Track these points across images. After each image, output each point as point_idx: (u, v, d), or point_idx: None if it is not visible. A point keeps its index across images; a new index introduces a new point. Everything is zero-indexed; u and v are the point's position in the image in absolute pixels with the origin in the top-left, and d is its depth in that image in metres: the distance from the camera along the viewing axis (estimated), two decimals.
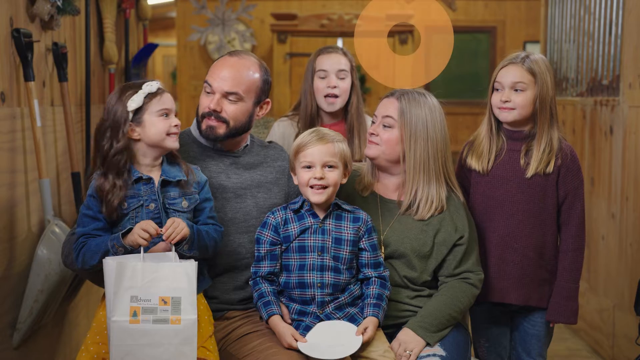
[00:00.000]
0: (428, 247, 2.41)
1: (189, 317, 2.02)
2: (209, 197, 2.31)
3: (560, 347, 4.19)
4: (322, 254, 2.27)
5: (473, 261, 2.45)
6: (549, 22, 5.20)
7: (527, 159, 2.54)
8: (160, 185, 2.21)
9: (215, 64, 2.45)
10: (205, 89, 2.42)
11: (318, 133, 2.31)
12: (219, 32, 7.81)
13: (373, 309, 2.27)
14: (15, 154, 2.64)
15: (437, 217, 2.43)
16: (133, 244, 2.09)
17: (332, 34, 7.45)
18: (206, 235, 2.22)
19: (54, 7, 2.86)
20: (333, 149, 2.28)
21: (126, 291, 2.01)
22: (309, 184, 2.26)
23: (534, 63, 2.50)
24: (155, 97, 2.18)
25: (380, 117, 2.42)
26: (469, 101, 7.90)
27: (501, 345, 2.69)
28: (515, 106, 2.50)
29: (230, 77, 2.40)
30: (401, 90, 2.46)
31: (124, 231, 2.10)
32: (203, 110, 2.42)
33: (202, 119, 2.42)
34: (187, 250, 2.15)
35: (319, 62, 3.04)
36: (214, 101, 2.40)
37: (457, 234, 2.42)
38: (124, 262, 2.03)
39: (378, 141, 2.41)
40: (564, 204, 2.56)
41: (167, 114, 2.19)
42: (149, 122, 2.17)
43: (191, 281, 2.04)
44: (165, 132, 2.18)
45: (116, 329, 1.99)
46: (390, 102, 2.42)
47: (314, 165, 2.26)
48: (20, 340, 2.65)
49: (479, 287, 2.45)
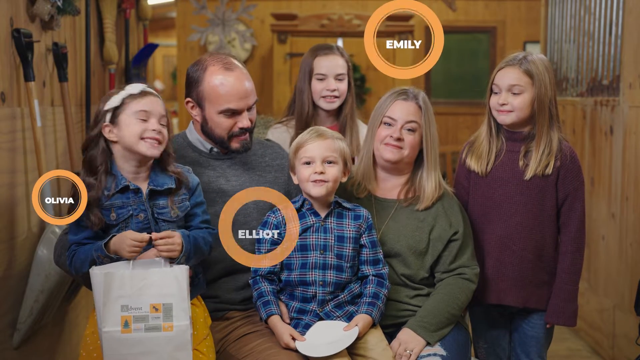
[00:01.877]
0: (424, 243, 2.42)
1: (181, 323, 2.00)
2: (200, 200, 2.26)
3: (560, 347, 4.19)
4: (324, 252, 2.28)
5: (468, 256, 2.46)
6: (549, 22, 5.20)
7: (526, 160, 2.53)
8: (149, 194, 2.16)
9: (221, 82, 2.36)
10: (225, 114, 2.37)
11: (317, 130, 2.32)
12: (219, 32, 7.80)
13: (367, 307, 2.28)
14: (15, 154, 2.64)
15: (431, 214, 2.44)
16: (125, 257, 2.05)
17: (332, 34, 7.45)
18: (202, 242, 2.19)
19: (54, 7, 2.86)
20: (333, 144, 2.29)
21: (116, 301, 1.98)
22: (310, 179, 2.27)
23: (532, 64, 2.49)
24: (135, 98, 2.11)
25: (403, 121, 2.43)
26: (469, 101, 7.91)
27: (500, 347, 2.69)
28: (513, 109, 2.50)
29: (249, 89, 2.39)
30: (412, 91, 2.48)
31: (106, 241, 2.06)
32: (232, 131, 2.39)
33: (230, 139, 2.40)
34: (184, 262, 2.11)
35: (316, 64, 3.01)
36: (245, 119, 2.39)
37: (452, 229, 2.44)
38: (112, 271, 2.00)
39: (403, 145, 2.43)
40: (563, 205, 2.56)
41: (145, 117, 2.11)
42: (124, 123, 2.10)
43: (181, 286, 2.02)
44: (139, 135, 2.09)
45: (108, 339, 1.97)
46: (411, 105, 2.45)
47: (314, 161, 2.27)
48: (20, 341, 2.65)
49: (475, 281, 2.46)
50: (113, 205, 2.12)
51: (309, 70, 3.03)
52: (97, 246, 2.06)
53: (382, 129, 2.45)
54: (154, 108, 2.13)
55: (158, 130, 2.12)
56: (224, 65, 2.38)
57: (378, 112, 2.47)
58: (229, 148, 2.43)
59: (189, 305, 2.03)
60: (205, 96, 2.38)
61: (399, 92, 2.47)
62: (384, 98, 2.49)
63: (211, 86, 2.36)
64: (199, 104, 2.40)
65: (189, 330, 2.02)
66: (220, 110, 2.37)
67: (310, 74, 3.03)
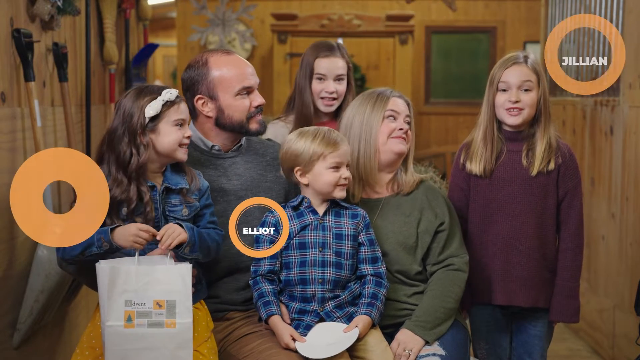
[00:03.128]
0: (413, 238, 2.44)
1: (184, 321, 2.01)
2: (209, 203, 2.30)
3: (560, 347, 4.19)
4: (323, 249, 2.29)
5: (457, 245, 2.47)
6: (549, 22, 5.20)
7: (529, 158, 2.54)
8: (163, 192, 2.20)
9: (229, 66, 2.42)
10: (242, 93, 2.42)
11: (338, 134, 2.36)
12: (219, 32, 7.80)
13: (366, 308, 2.28)
14: (15, 154, 2.64)
15: (417, 207, 2.47)
16: (125, 246, 2.06)
17: (332, 34, 7.44)
18: (208, 236, 2.21)
19: (54, 7, 2.86)
20: (348, 149, 2.36)
21: (120, 295, 1.99)
22: (338, 183, 2.31)
23: (535, 63, 2.53)
24: (173, 105, 2.16)
25: (405, 115, 2.50)
26: (469, 101, 7.91)
27: (502, 348, 2.69)
28: (524, 106, 2.51)
29: (252, 67, 2.48)
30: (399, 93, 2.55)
31: (112, 227, 2.07)
32: (250, 111, 2.44)
33: (249, 120, 2.44)
34: (188, 252, 2.13)
35: (317, 65, 3.01)
36: (258, 96, 2.46)
37: (438, 220, 2.46)
38: (118, 266, 2.01)
39: (406, 138, 2.50)
40: (563, 202, 2.57)
41: (182, 124, 2.18)
42: (164, 131, 2.15)
43: (186, 284, 2.03)
44: (178, 142, 2.17)
45: (111, 333, 1.98)
46: (406, 104, 2.53)
47: (342, 166, 2.31)
48: (20, 341, 2.65)
49: (465, 270, 2.46)
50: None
51: (309, 69, 3.04)
52: (102, 230, 2.07)
53: (387, 123, 2.47)
54: (187, 114, 2.22)
55: (189, 136, 2.20)
56: (222, 52, 2.45)
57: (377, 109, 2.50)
58: (248, 131, 2.46)
59: (191, 304, 2.04)
60: (216, 85, 2.40)
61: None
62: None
63: (220, 73, 2.41)
64: (212, 96, 2.41)
65: (191, 328, 2.03)
66: (237, 91, 2.41)
67: (311, 73, 3.04)
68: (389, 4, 8.12)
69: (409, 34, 7.51)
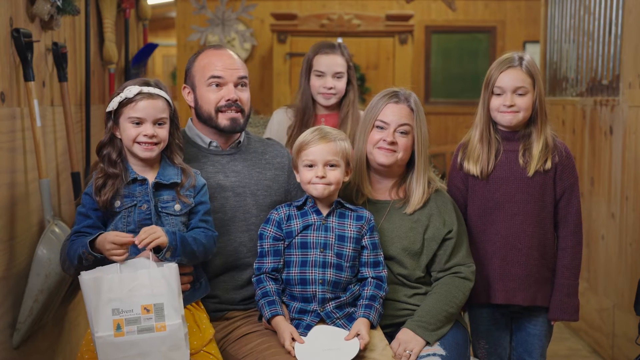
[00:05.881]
0: (418, 244, 2.42)
1: (173, 322, 2.00)
2: (204, 200, 2.28)
3: (560, 347, 4.19)
4: (324, 250, 2.28)
5: (463, 254, 2.46)
6: (549, 22, 5.20)
7: (526, 157, 2.55)
8: (154, 187, 2.20)
9: (209, 57, 2.42)
10: (212, 84, 2.39)
11: (320, 132, 2.31)
12: (219, 32, 7.80)
13: (365, 310, 2.28)
14: (15, 154, 2.64)
15: (425, 213, 2.45)
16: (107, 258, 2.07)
17: (332, 34, 7.44)
18: (193, 241, 2.18)
19: (54, 7, 2.85)
20: (335, 147, 2.29)
21: (106, 305, 1.97)
22: (311, 182, 2.28)
23: (530, 65, 2.52)
24: (130, 103, 2.17)
25: (396, 125, 2.42)
26: (468, 101, 7.89)
27: (502, 347, 2.69)
28: (520, 109, 2.51)
29: (236, 62, 2.42)
30: (404, 92, 2.47)
31: (92, 239, 2.08)
32: (218, 104, 2.39)
33: (217, 114, 2.40)
34: (169, 257, 2.11)
35: (316, 62, 3.15)
36: (231, 91, 2.39)
37: (446, 228, 2.44)
38: (100, 275, 1.99)
39: (396, 149, 2.42)
40: (561, 200, 2.58)
41: (138, 122, 2.18)
42: (122, 127, 2.20)
43: (171, 285, 2.01)
44: (133, 139, 2.18)
45: (101, 344, 1.96)
46: (403, 108, 2.43)
47: (316, 164, 2.27)
48: (20, 340, 2.65)
49: (472, 279, 2.46)
50: (119, 193, 2.17)
51: (308, 66, 3.15)
52: (82, 242, 2.09)
53: (375, 133, 2.44)
54: (147, 113, 2.18)
55: (151, 135, 2.17)
56: (214, 47, 2.47)
57: (370, 115, 2.45)
58: (217, 126, 2.42)
59: (180, 304, 2.03)
60: (194, 74, 2.43)
61: (390, 95, 2.45)
62: (375, 100, 2.47)
63: (200, 63, 2.43)
64: (192, 85, 2.44)
65: (182, 328, 2.01)
66: (207, 80, 2.39)
67: (309, 71, 3.14)
68: (388, 3, 8.12)
69: (408, 33, 7.50)
